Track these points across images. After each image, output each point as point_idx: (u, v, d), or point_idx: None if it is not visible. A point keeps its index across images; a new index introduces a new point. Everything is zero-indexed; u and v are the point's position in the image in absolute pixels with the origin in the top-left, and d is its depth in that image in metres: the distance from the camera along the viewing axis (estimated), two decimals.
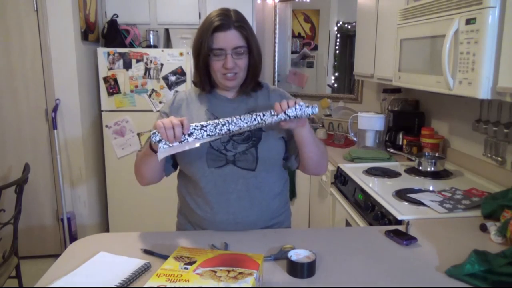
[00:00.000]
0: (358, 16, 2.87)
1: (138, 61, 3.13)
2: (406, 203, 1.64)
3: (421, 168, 2.06)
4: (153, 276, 0.93)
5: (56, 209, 3.09)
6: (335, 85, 3.77)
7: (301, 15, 3.83)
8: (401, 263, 1.12)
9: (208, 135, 1.13)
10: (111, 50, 3.12)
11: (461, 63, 1.52)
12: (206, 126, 1.12)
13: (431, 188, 1.83)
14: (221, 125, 1.12)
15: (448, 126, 2.34)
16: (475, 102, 1.98)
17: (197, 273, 0.93)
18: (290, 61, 3.98)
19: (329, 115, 3.32)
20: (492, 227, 1.31)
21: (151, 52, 3.14)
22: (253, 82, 1.32)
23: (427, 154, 2.18)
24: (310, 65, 3.89)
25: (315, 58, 3.86)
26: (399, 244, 1.23)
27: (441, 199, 1.64)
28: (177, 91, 3.13)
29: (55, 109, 2.93)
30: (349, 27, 3.52)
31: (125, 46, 3.24)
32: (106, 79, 3.14)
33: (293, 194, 3.13)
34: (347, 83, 3.64)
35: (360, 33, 2.83)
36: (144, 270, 1.06)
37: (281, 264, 1.09)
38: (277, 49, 3.97)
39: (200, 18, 3.42)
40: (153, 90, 3.18)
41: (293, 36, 3.91)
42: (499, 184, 1.83)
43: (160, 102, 3.20)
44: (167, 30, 3.56)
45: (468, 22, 1.47)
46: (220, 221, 1.28)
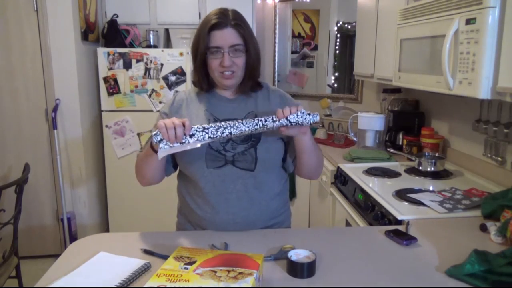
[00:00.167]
0: (358, 16, 2.87)
1: (138, 61, 3.13)
2: (406, 203, 1.64)
3: (421, 168, 2.06)
4: (153, 276, 0.93)
5: (56, 209, 3.09)
6: (335, 85, 3.77)
7: (301, 15, 3.83)
8: (401, 263, 1.12)
9: (209, 137, 1.14)
10: (111, 50, 3.12)
11: (461, 63, 1.52)
12: (208, 128, 1.13)
13: (431, 188, 1.83)
14: (223, 128, 1.14)
15: (448, 126, 2.34)
16: (475, 102, 1.98)
17: (197, 273, 0.93)
18: (290, 61, 3.98)
19: (329, 115, 3.32)
20: (492, 227, 1.31)
21: (151, 52, 3.14)
22: (251, 81, 1.32)
23: (427, 154, 2.18)
24: (310, 65, 3.89)
25: (315, 58, 3.85)
26: (399, 244, 1.23)
27: (441, 199, 1.64)
28: (177, 91, 3.13)
29: (55, 109, 2.93)
30: (349, 27, 3.52)
31: (125, 46, 3.24)
32: (106, 79, 3.14)
33: (293, 194, 3.13)
34: (347, 83, 3.64)
35: (360, 33, 2.83)
36: (144, 270, 1.06)
37: (281, 264, 1.09)
38: (277, 49, 3.97)
39: (200, 18, 3.42)
40: (153, 90, 3.18)
41: (293, 36, 3.91)
42: (499, 184, 1.83)
43: (160, 102, 3.20)
44: (167, 30, 3.56)
45: (468, 22, 1.47)
46: (220, 221, 1.28)
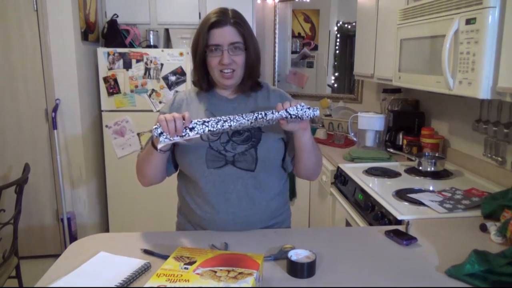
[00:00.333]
0: (358, 16, 2.87)
1: (138, 61, 3.13)
2: (406, 203, 1.64)
3: (421, 168, 2.06)
4: (153, 276, 0.93)
5: (56, 209, 3.09)
6: (335, 85, 3.76)
7: (301, 15, 3.83)
8: (401, 263, 1.12)
9: (209, 130, 1.15)
10: (111, 50, 3.12)
11: (461, 63, 1.52)
12: (208, 121, 1.15)
13: (431, 188, 1.83)
14: (223, 121, 1.15)
15: (448, 126, 2.34)
16: (475, 102, 1.98)
17: (197, 273, 0.93)
18: (290, 61, 3.98)
19: (329, 115, 3.32)
20: (492, 227, 1.31)
21: (151, 52, 3.14)
22: (250, 81, 1.32)
23: (427, 154, 2.18)
24: (310, 65, 3.89)
25: (315, 58, 3.85)
26: (399, 244, 1.23)
27: (441, 199, 1.64)
28: (177, 91, 3.13)
29: (55, 109, 2.93)
30: (349, 27, 3.52)
31: (125, 46, 3.24)
32: (106, 79, 3.14)
33: (293, 194, 3.13)
34: (347, 83, 3.64)
35: (360, 33, 2.83)
36: (144, 270, 1.06)
37: (281, 264, 1.09)
38: (277, 49, 3.97)
39: (200, 18, 3.42)
40: (153, 90, 3.18)
41: (293, 36, 3.91)
42: (499, 184, 1.83)
43: (160, 102, 3.19)
44: (167, 30, 3.56)
45: (468, 22, 1.47)
46: (220, 221, 1.28)
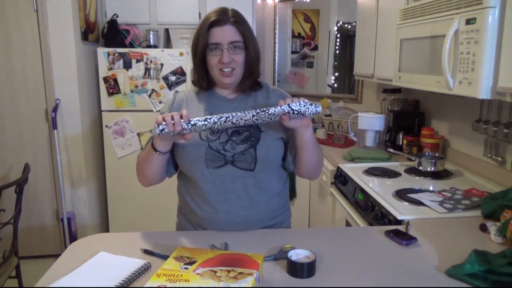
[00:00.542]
0: (358, 16, 2.87)
1: (138, 61, 3.13)
2: (406, 203, 1.64)
3: (421, 168, 2.06)
4: (153, 276, 0.93)
5: (56, 209, 3.09)
6: (335, 85, 3.76)
7: (301, 15, 3.83)
8: (401, 263, 1.12)
9: (211, 125, 1.15)
10: (111, 50, 3.11)
11: (461, 63, 1.52)
12: (210, 118, 1.15)
13: (431, 188, 1.83)
14: (225, 117, 1.14)
15: (448, 126, 2.34)
16: (475, 102, 1.98)
17: (197, 273, 0.93)
18: (290, 61, 3.98)
19: (329, 115, 3.32)
20: (492, 227, 1.31)
21: (151, 52, 3.14)
22: (250, 80, 1.32)
23: (427, 154, 2.18)
24: (310, 65, 3.89)
25: (315, 58, 3.85)
26: (399, 244, 1.23)
27: (441, 199, 1.64)
28: (177, 91, 3.13)
29: (55, 109, 2.93)
30: (349, 27, 3.52)
31: (125, 46, 3.24)
32: (106, 79, 3.14)
33: (293, 194, 3.13)
34: (347, 83, 3.64)
35: (360, 33, 2.83)
36: (144, 270, 1.06)
37: (281, 264, 1.09)
38: (277, 49, 3.97)
39: (200, 18, 3.42)
40: (153, 90, 3.18)
41: (293, 36, 3.91)
42: (499, 184, 1.83)
43: (160, 102, 3.19)
44: (167, 30, 3.56)
45: (468, 22, 1.47)
46: (220, 221, 1.28)
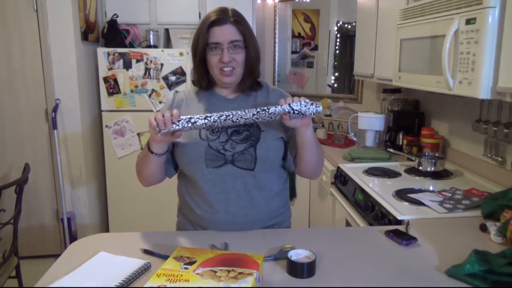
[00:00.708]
0: (358, 16, 2.87)
1: (138, 61, 3.13)
2: (406, 203, 1.64)
3: (421, 168, 2.06)
4: (153, 276, 0.93)
5: (56, 209, 3.09)
6: (335, 85, 3.76)
7: (301, 15, 3.83)
8: (401, 263, 1.12)
9: (211, 123, 1.15)
10: (111, 50, 3.12)
11: (461, 63, 1.52)
12: (210, 116, 1.15)
13: (431, 188, 1.83)
14: (225, 116, 1.14)
15: (448, 126, 2.34)
16: (475, 102, 1.98)
17: (197, 273, 0.93)
18: (290, 61, 3.98)
19: (329, 115, 3.32)
20: (492, 227, 1.31)
21: (151, 52, 3.14)
22: (250, 80, 1.32)
23: (427, 154, 2.18)
24: (310, 65, 3.89)
25: (315, 58, 3.85)
26: (399, 244, 1.23)
27: (441, 199, 1.64)
28: (177, 91, 3.13)
29: (55, 109, 2.93)
30: (349, 27, 3.52)
31: (125, 46, 3.24)
32: (106, 79, 3.14)
33: (293, 194, 3.13)
34: (347, 83, 3.64)
35: (360, 33, 2.83)
36: (144, 270, 1.06)
37: (281, 264, 1.09)
38: (277, 49, 3.97)
39: (200, 18, 3.42)
40: (153, 90, 3.18)
41: (293, 36, 3.91)
42: (499, 184, 1.83)
43: (160, 102, 3.19)
44: (167, 30, 3.56)
45: (468, 22, 1.47)
46: (220, 221, 1.28)
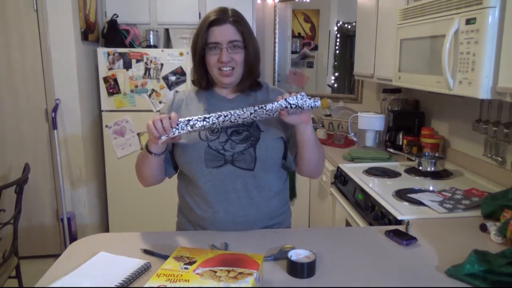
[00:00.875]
0: (358, 16, 2.87)
1: (138, 61, 3.13)
2: (406, 203, 1.64)
3: (421, 168, 2.06)
4: (153, 276, 0.93)
5: (56, 209, 3.09)
6: (335, 85, 3.76)
7: (301, 15, 3.83)
8: (401, 263, 1.12)
9: (210, 125, 1.15)
10: (111, 50, 3.12)
11: (461, 63, 1.52)
12: (209, 117, 1.15)
13: (431, 188, 1.83)
14: (223, 116, 1.15)
15: (448, 126, 2.34)
16: (475, 102, 1.98)
17: (197, 273, 0.93)
18: (290, 61, 3.98)
19: (329, 115, 3.32)
20: (492, 227, 1.31)
21: (151, 52, 3.14)
22: (250, 80, 1.32)
23: (427, 154, 2.18)
24: (310, 65, 3.89)
25: (315, 58, 3.85)
26: (399, 244, 1.23)
27: (441, 199, 1.64)
28: (177, 91, 3.13)
29: (55, 109, 2.93)
30: (349, 27, 3.52)
31: (125, 46, 3.24)
32: (106, 79, 3.14)
33: (293, 194, 3.13)
34: (347, 83, 3.64)
35: (360, 33, 2.83)
36: (144, 270, 1.06)
37: (281, 264, 1.09)
38: (277, 49, 3.97)
39: (200, 18, 3.42)
40: (153, 90, 3.18)
41: (293, 36, 3.91)
42: (499, 184, 1.83)
43: (160, 102, 3.20)
44: (167, 30, 3.56)
45: (468, 22, 1.47)
46: (220, 221, 1.28)
